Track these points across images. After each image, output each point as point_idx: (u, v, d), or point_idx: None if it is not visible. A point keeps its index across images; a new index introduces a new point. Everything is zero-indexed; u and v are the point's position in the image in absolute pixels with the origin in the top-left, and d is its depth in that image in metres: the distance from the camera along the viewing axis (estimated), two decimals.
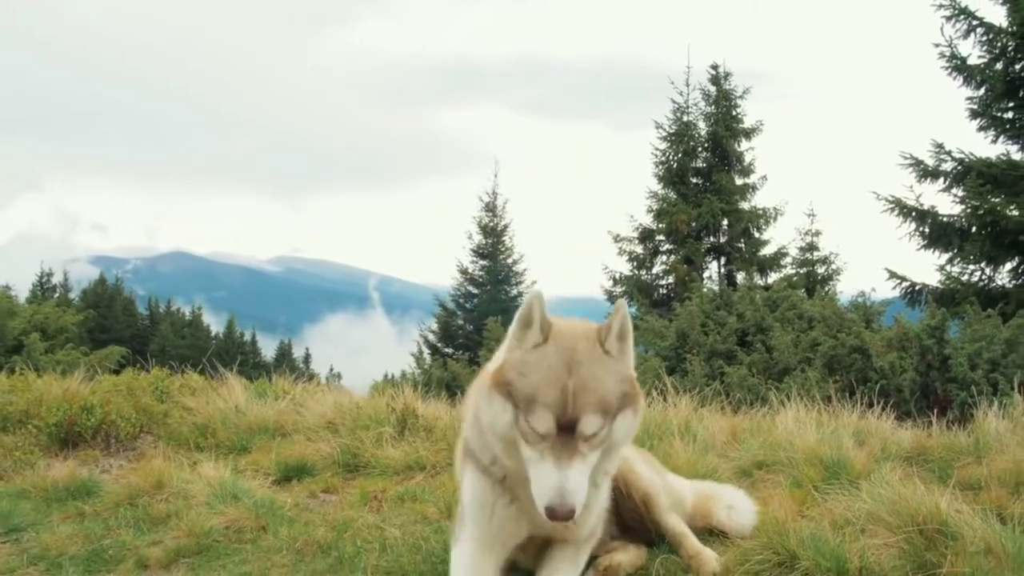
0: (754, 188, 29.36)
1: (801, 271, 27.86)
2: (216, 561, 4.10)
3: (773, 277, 27.39)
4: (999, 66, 16.70)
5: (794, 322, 11.62)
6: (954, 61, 17.17)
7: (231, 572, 3.95)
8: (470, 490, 3.19)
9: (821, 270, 27.90)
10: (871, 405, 6.50)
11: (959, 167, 16.67)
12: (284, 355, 69.60)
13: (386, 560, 3.92)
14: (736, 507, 4.27)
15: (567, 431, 2.68)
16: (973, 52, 17.19)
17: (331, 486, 5.30)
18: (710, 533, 4.28)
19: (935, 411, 6.95)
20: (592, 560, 3.62)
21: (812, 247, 28.74)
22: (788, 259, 28.54)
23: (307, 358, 77.64)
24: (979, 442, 5.26)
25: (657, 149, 29.43)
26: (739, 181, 29.22)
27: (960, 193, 16.64)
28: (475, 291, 37.70)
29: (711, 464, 5.14)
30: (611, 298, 29.40)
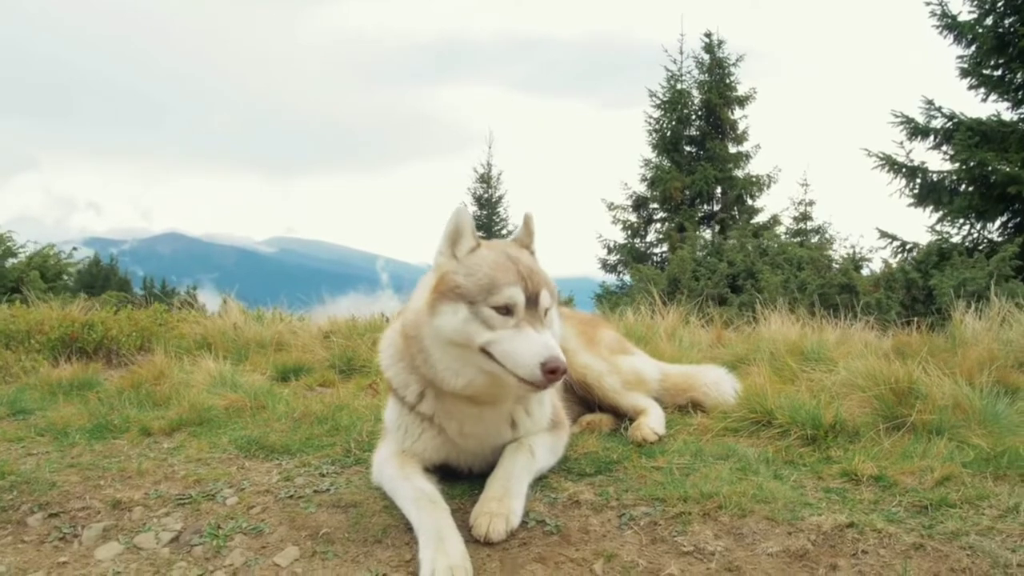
0: (748, 156, 29.43)
1: (795, 240, 28.02)
2: (217, 429, 4.27)
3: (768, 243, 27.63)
4: (989, 21, 16.79)
5: (783, 266, 11.75)
6: (945, 19, 17.26)
7: (231, 436, 4.13)
8: (391, 416, 3.43)
9: (815, 239, 28.05)
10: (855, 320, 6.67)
11: (949, 124, 16.79)
12: None
13: (381, 427, 4.07)
14: (718, 383, 4.46)
15: (532, 304, 2.93)
16: (964, 8, 17.28)
17: (327, 381, 5.45)
18: (694, 407, 4.46)
19: (915, 320, 7.11)
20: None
21: (806, 216, 28.89)
22: (781, 228, 28.63)
23: None
24: (956, 337, 5.43)
25: (651, 117, 29.51)
26: (733, 149, 29.29)
27: (950, 151, 16.75)
28: None
29: (695, 358, 5.32)
30: (605, 267, 29.53)
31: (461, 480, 3.38)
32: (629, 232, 29.56)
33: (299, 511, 3.23)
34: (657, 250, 29.55)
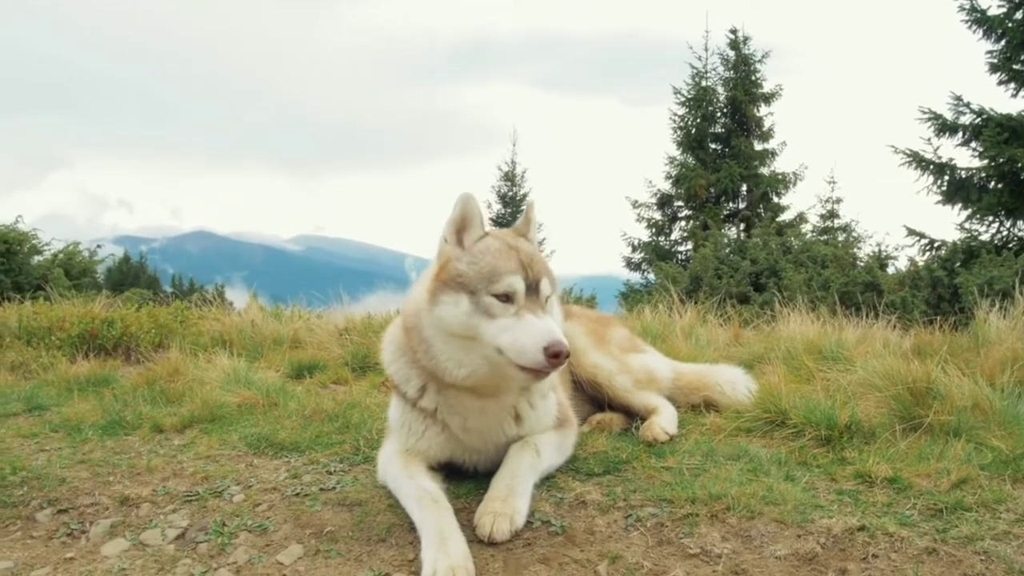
0: (773, 153, 29.17)
1: (821, 238, 27.73)
2: (228, 426, 4.28)
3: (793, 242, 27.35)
4: (1019, 15, 16.48)
5: (807, 265, 11.61)
6: (974, 13, 16.96)
7: (242, 433, 4.13)
8: (395, 414, 3.41)
9: (841, 237, 27.75)
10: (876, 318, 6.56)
11: (978, 120, 16.50)
12: None
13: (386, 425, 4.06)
14: (734, 382, 4.40)
15: (532, 291, 2.92)
16: (993, 2, 16.97)
17: (341, 378, 5.45)
18: (707, 407, 4.40)
19: (939, 319, 6.99)
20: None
21: (833, 214, 28.63)
22: (808, 225, 28.36)
23: None
24: (978, 337, 5.32)
25: (676, 114, 29.33)
26: (758, 146, 29.05)
27: (979, 147, 16.48)
28: None
29: (711, 357, 5.26)
30: (630, 265, 29.42)
31: (467, 479, 3.36)
32: (654, 230, 29.42)
33: (304, 509, 3.22)
34: (682, 248, 29.38)
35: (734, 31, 29.28)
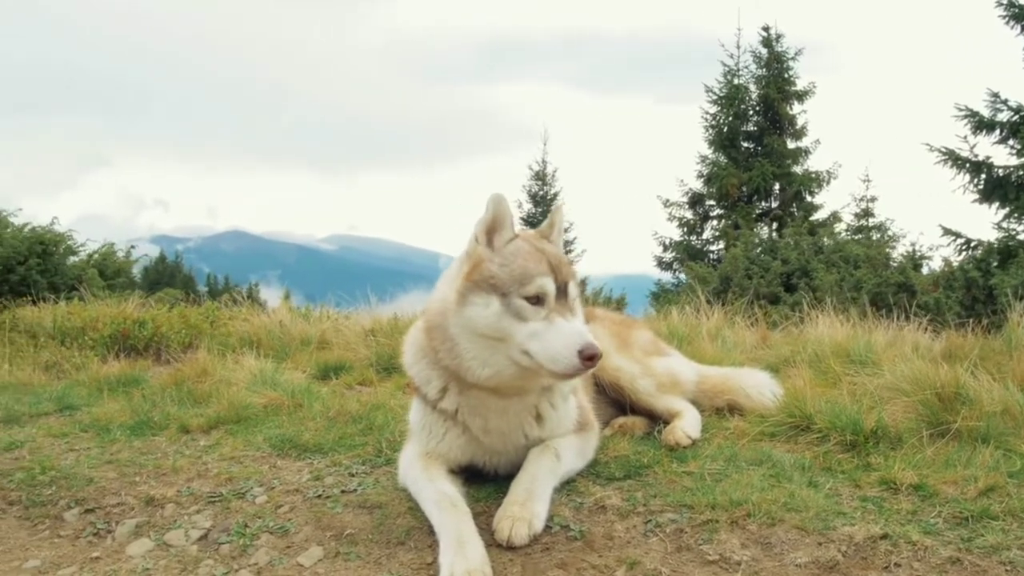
0: (807, 152, 28.84)
1: (855, 237, 27.36)
2: (253, 427, 4.33)
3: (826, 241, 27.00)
4: None
5: (839, 265, 11.48)
6: (1012, 8, 16.64)
7: (266, 434, 4.18)
8: (416, 417, 3.42)
9: (876, 236, 27.36)
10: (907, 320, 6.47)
11: (1015, 117, 16.17)
12: None
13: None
14: (759, 387, 4.36)
15: (562, 294, 2.94)
16: None
17: (366, 379, 5.48)
18: (731, 411, 4.36)
19: (971, 321, 6.87)
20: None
21: (867, 213, 28.19)
22: (842, 224, 27.99)
23: None
24: (1011, 340, 5.22)
25: (707, 113, 29.12)
26: (791, 144, 28.73)
27: (1017, 145, 16.17)
28: None
29: (737, 360, 5.21)
30: (661, 265, 29.28)
31: (487, 482, 3.36)
32: (685, 229, 29.26)
33: (326, 511, 3.25)
34: (713, 247, 29.17)
35: (766, 28, 29.01)
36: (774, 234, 28.41)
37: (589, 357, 2.76)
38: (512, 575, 2.69)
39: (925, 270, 12.49)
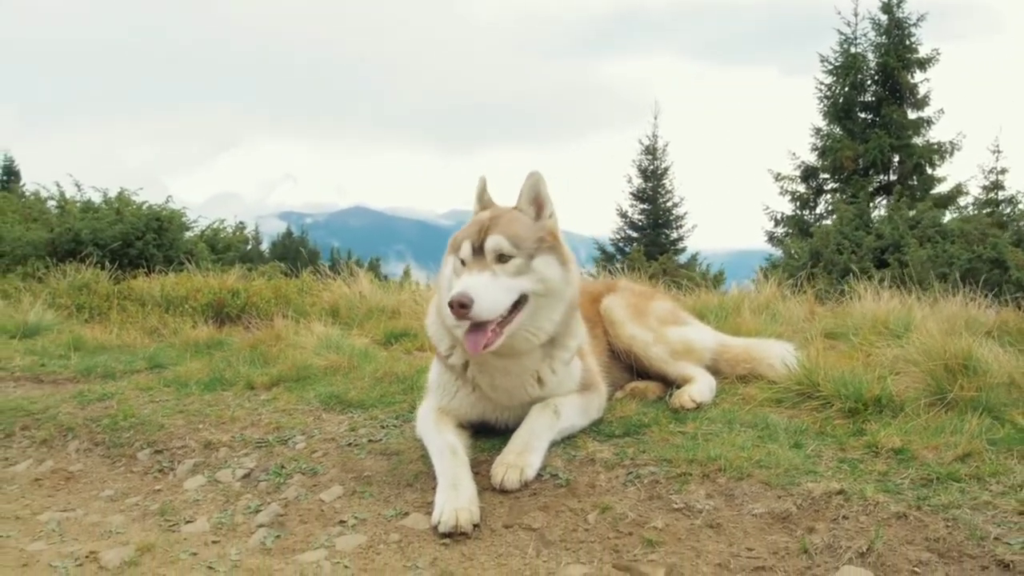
0: (929, 122, 27.48)
1: (983, 212, 26.01)
2: (309, 385, 4.82)
3: (949, 217, 25.75)
4: None
5: (934, 239, 11.18)
6: None
7: (318, 391, 4.65)
8: (434, 375, 3.80)
9: (1007, 210, 25.96)
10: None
11: None
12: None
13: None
14: (783, 356, 4.49)
15: (478, 253, 3.25)
16: None
17: (426, 346, 5.87)
18: (754, 380, 4.54)
19: None
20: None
21: (997, 186, 26.70)
22: (969, 198, 26.66)
23: None
24: None
25: (822, 84, 28.17)
26: (912, 115, 27.46)
27: None
28: (635, 235, 37.55)
29: (776, 331, 5.33)
30: (772, 240, 28.70)
31: (496, 437, 3.69)
32: (797, 203, 28.53)
33: (352, 456, 3.67)
34: (828, 222, 28.34)
35: None
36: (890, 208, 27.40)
37: (458, 305, 3.03)
38: (499, 514, 3.04)
39: None
